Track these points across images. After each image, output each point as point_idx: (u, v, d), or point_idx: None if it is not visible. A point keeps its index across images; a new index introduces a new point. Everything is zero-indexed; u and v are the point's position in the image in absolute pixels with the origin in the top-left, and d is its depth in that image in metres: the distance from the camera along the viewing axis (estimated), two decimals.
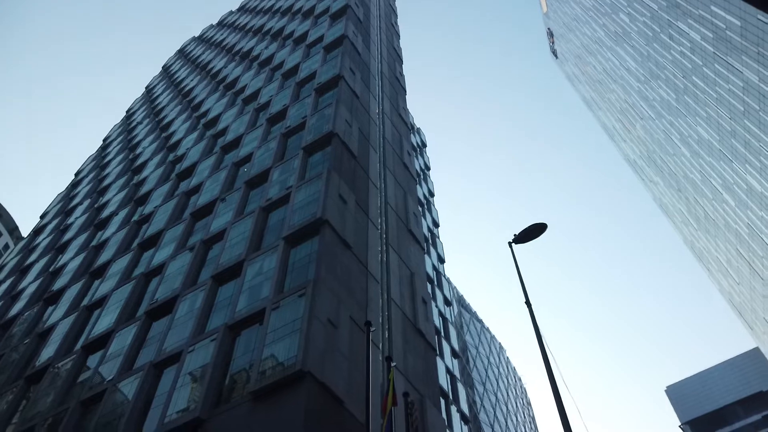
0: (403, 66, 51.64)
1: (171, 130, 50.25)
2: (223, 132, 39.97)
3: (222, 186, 31.60)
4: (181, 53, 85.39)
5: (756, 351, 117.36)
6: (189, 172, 37.95)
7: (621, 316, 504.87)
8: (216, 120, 43.47)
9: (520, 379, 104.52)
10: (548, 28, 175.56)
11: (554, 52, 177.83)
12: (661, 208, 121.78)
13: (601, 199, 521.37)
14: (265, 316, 19.67)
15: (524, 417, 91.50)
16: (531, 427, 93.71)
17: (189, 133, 45.46)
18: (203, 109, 48.25)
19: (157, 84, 77.89)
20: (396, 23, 60.66)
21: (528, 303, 13.72)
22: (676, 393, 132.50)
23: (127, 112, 75.37)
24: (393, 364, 15.24)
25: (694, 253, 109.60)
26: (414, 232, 31.72)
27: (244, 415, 17.02)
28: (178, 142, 45.30)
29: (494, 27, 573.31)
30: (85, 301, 31.31)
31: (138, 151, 52.13)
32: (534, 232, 15.84)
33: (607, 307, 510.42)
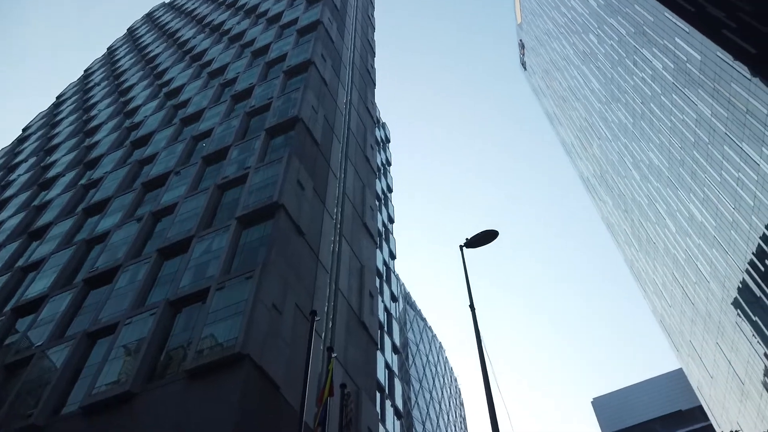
0: (375, 59, 51.55)
1: (130, 95, 48.61)
2: (185, 104, 38.97)
3: (178, 159, 30.84)
4: (149, 18, 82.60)
5: (679, 372, 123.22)
6: (145, 140, 36.85)
7: (559, 327, 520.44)
8: (179, 90, 42.33)
9: (455, 380, 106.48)
10: (520, 40, 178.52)
11: (524, 64, 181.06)
12: (607, 226, 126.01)
13: (552, 212, 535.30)
14: (209, 295, 19.38)
15: (456, 417, 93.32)
16: (461, 427, 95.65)
17: (149, 100, 44.10)
18: (166, 77, 46.88)
19: (121, 47, 75.12)
20: (372, 15, 60.43)
21: (472, 306, 14.01)
22: (602, 405, 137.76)
23: (85, 71, 72.41)
24: (334, 355, 15.31)
25: (633, 273, 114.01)
26: (368, 225, 31.82)
27: (178, 393, 16.76)
28: (137, 108, 43.89)
29: (469, 32, 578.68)
30: (20, 262, 30.03)
31: (93, 113, 50.20)
32: (485, 238, 16.14)
33: (546, 317, 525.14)
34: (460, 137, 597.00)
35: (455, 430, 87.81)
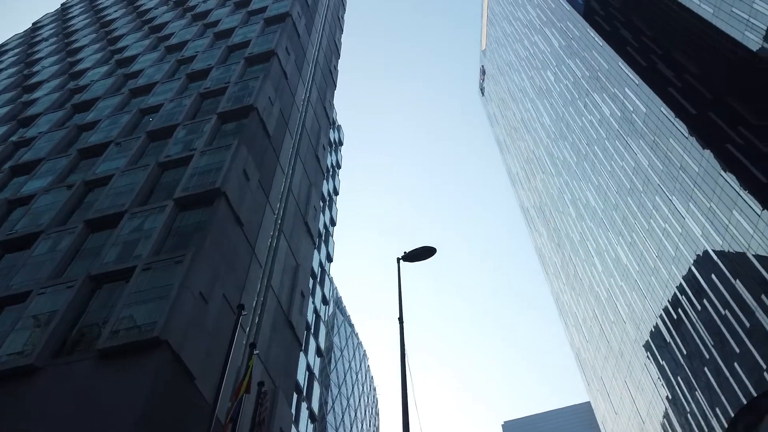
0: (339, 61, 51.45)
1: (79, 57, 46.40)
2: (137, 75, 37.55)
3: (121, 130, 29.63)
4: None
5: (587, 404, 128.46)
6: (88, 105, 35.21)
7: (483, 350, 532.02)
8: (132, 60, 40.76)
9: (374, 389, 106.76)
10: (482, 66, 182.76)
11: (482, 90, 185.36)
12: (539, 257, 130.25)
13: (490, 236, 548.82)
14: (134, 274, 18.66)
15: (370, 426, 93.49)
16: None
17: (98, 65, 42.23)
18: (120, 45, 45.06)
19: (76, 5, 71.67)
20: (342, 17, 60.37)
21: (401, 319, 14.12)
22: (511, 428, 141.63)
23: (33, 24, 68.58)
24: (256, 352, 15.06)
25: (558, 305, 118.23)
26: (310, 225, 31.59)
27: (86, 372, 16.02)
28: (84, 71, 41.92)
29: (433, 53, 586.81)
30: None
31: (35, 68, 47.55)
32: (423, 253, 16.35)
33: (471, 338, 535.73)
34: (413, 151, 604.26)
35: None
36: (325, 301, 53.68)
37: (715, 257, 51.81)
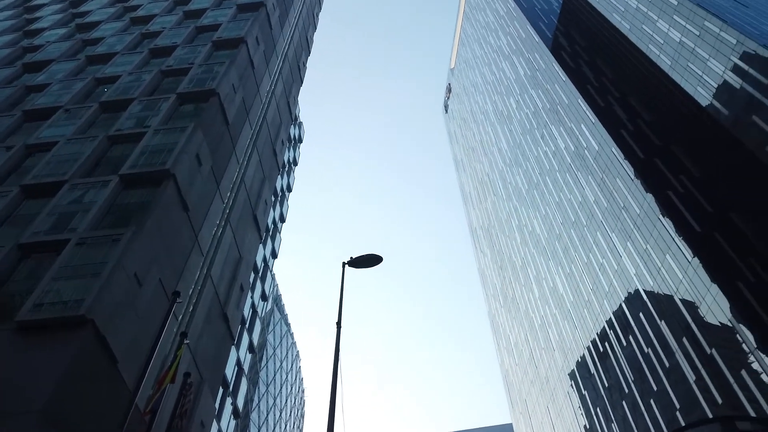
0: (308, 58, 51.13)
1: (36, 15, 44.30)
2: (96, 42, 36.17)
3: (72, 96, 28.42)
4: None
5: (509, 426, 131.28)
6: (40, 66, 33.61)
7: (415, 364, 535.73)
8: (93, 26, 39.23)
9: (303, 391, 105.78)
10: (449, 83, 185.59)
11: (446, 107, 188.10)
12: (481, 277, 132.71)
13: (437, 249, 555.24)
14: (66, 247, 17.89)
15: (293, 428, 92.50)
16: None
17: (56, 26, 40.43)
18: (83, 8, 43.31)
19: None
20: (317, 15, 60.09)
21: (339, 324, 14.08)
22: None
23: None
24: (186, 341, 14.69)
25: (492, 326, 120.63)
26: (258, 218, 31.14)
27: (1, 342, 15.18)
28: (40, 30, 40.04)
29: (404, 64, 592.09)
30: None
31: None
32: (369, 261, 16.38)
33: (405, 352, 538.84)
34: (372, 157, 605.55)
35: None
36: (264, 297, 52.93)
37: (644, 297, 54.13)
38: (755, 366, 38.84)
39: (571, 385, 71.57)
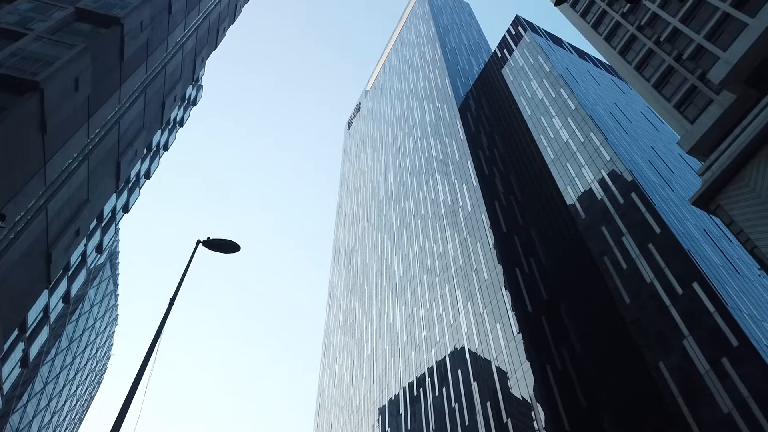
0: (231, 27, 49.24)
1: None
2: None
3: None
4: None
5: None
6: None
7: (237, 362, 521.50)
8: None
9: (108, 358, 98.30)
10: (360, 103, 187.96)
11: (350, 124, 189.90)
12: (329, 294, 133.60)
13: (297, 252, 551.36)
14: None
15: (84, 393, 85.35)
16: (83, 405, 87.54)
17: None
18: None
19: None
20: None
21: (172, 300, 13.40)
22: None
23: None
24: None
25: (325, 344, 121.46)
26: (122, 166, 28.99)
27: None
28: None
29: (330, 66, 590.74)
30: None
31: None
32: (226, 246, 15.85)
33: (230, 348, 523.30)
34: (263, 148, 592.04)
35: (75, 403, 79.98)
36: (99, 250, 48.97)
37: (467, 356, 57.80)
38: None
39: (378, 419, 73.80)
